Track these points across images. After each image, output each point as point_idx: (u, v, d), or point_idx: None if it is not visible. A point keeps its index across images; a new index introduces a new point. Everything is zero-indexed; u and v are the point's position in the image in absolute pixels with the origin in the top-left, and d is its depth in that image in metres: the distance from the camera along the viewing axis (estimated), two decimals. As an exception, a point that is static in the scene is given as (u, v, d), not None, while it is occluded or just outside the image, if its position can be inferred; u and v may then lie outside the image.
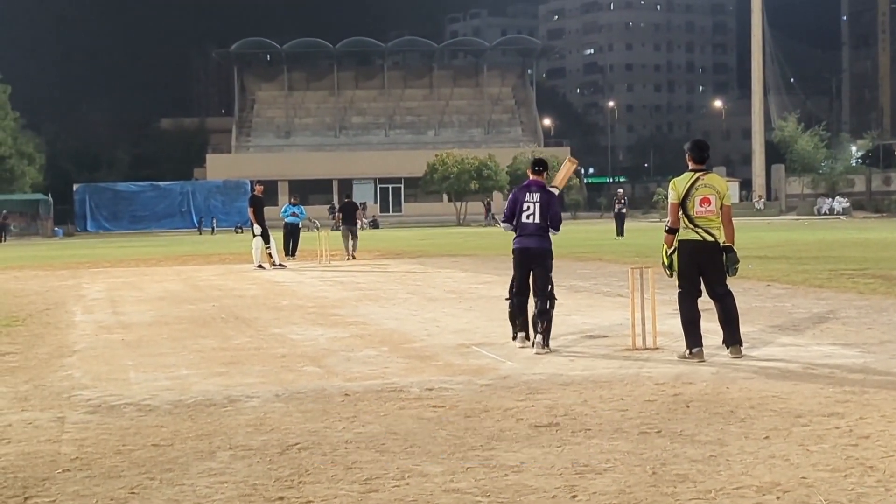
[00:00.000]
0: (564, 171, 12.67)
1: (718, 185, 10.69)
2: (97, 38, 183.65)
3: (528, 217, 11.54)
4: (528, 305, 11.73)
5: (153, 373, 10.52)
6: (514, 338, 11.79)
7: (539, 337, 11.28)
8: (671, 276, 10.82)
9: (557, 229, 11.63)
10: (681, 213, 10.59)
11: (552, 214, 11.55)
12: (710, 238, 10.53)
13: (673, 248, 10.73)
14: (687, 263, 10.62)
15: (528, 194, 11.60)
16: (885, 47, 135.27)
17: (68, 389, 9.64)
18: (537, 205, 11.50)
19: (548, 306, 11.35)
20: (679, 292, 10.72)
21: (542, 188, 11.64)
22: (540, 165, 11.93)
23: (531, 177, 11.82)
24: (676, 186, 10.68)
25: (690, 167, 10.74)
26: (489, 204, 78.40)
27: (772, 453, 6.58)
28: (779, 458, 6.45)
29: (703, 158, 10.79)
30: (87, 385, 9.86)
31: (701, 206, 10.54)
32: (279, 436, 7.48)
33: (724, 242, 10.58)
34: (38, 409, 8.74)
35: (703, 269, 10.65)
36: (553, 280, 11.67)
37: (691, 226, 10.54)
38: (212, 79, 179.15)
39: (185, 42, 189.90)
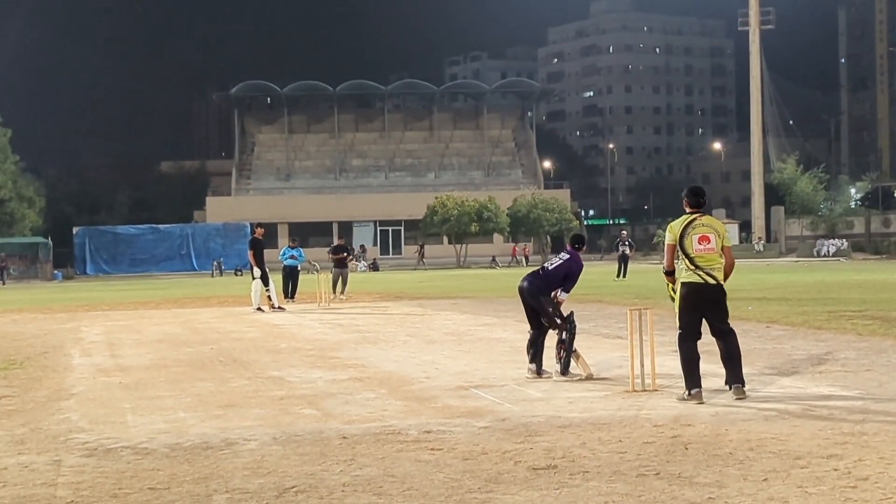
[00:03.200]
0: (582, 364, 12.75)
1: (716, 225, 10.73)
2: (98, 81, 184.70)
3: (547, 264, 13.11)
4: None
5: (150, 416, 10.49)
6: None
7: (558, 365, 12.46)
8: None
9: (566, 292, 12.84)
10: (681, 254, 10.60)
11: (563, 278, 12.79)
12: (711, 281, 10.53)
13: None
14: (688, 306, 10.62)
15: (560, 254, 13.22)
16: (883, 89, 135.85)
17: (65, 432, 9.62)
18: (559, 261, 12.93)
19: (563, 337, 12.38)
20: (679, 333, 10.71)
21: (570, 257, 12.92)
22: (578, 243, 13.28)
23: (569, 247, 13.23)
24: (673, 228, 10.74)
25: (687, 211, 10.78)
26: (422, 247, 79.42)
27: (770, 495, 6.56)
28: (777, 501, 6.43)
29: (699, 203, 10.87)
30: (84, 428, 9.84)
31: (699, 244, 10.55)
32: (276, 479, 7.45)
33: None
34: (35, 453, 8.72)
35: (705, 312, 10.66)
36: (566, 311, 12.60)
37: (692, 267, 10.54)
38: (212, 122, 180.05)
39: (185, 85, 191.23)
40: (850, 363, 13.10)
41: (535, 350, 12.71)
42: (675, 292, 10.84)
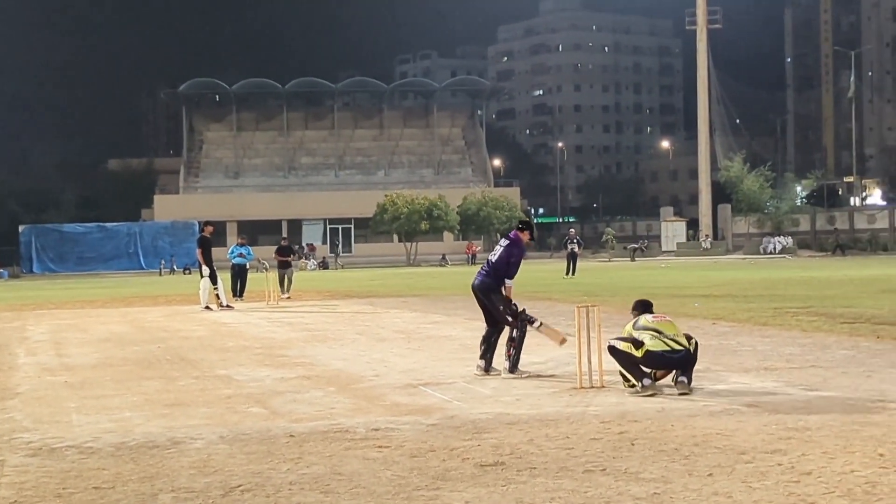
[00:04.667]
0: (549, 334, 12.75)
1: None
2: (44, 79, 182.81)
3: (491, 256, 12.92)
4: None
5: (96, 415, 10.41)
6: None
7: (507, 363, 12.41)
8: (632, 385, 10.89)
9: (510, 278, 12.67)
10: (642, 334, 10.84)
11: (507, 264, 12.65)
12: (679, 347, 10.69)
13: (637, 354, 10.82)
14: (650, 366, 10.78)
15: (500, 242, 13.06)
16: (828, 89, 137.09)
17: (9, 432, 9.53)
18: (500, 249, 12.82)
19: (514, 335, 12.37)
20: (613, 347, 10.88)
21: (509, 243, 12.80)
22: (523, 225, 13.13)
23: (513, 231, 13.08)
24: (625, 328, 11.30)
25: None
26: (308, 246, 78.79)
27: (715, 490, 6.61)
28: (722, 496, 6.48)
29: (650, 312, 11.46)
30: (29, 428, 9.75)
31: (655, 318, 11.07)
32: (222, 478, 7.42)
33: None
34: (-22, 453, 8.63)
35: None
36: (518, 308, 12.56)
37: (658, 335, 10.73)
38: (160, 119, 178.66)
39: (133, 83, 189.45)
40: (794, 359, 13.23)
41: (486, 347, 12.71)
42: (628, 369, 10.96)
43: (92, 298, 35.06)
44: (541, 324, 12.49)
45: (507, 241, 12.84)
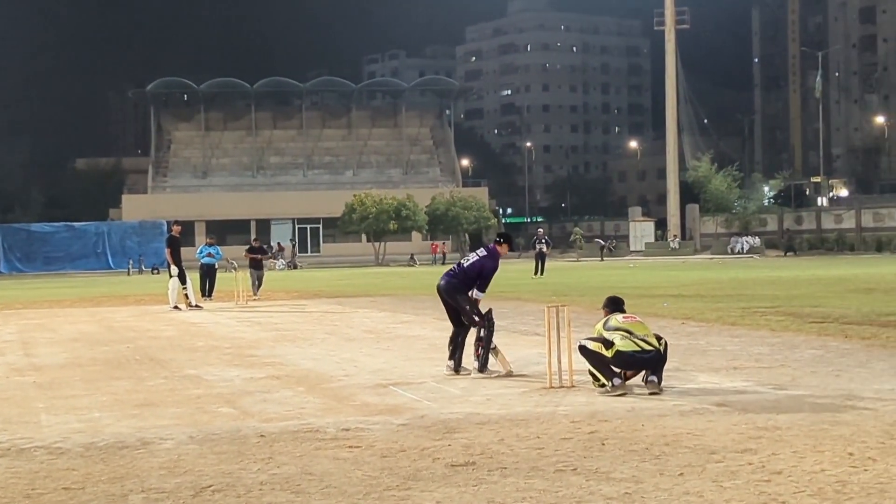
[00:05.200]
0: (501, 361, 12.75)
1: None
2: (10, 77, 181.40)
3: (463, 260, 13.01)
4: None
5: (65, 415, 10.35)
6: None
7: (476, 362, 12.46)
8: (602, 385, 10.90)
9: (481, 291, 12.65)
10: (612, 334, 10.81)
11: (478, 275, 12.64)
12: (649, 347, 10.72)
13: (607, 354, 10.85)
14: (620, 367, 10.80)
15: (478, 251, 13.09)
16: (795, 89, 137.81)
17: (-23, 433, 9.46)
18: (475, 258, 12.82)
19: (481, 334, 12.38)
20: (584, 347, 10.90)
21: (486, 255, 12.77)
22: (501, 237, 13.12)
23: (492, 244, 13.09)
24: (595, 328, 11.31)
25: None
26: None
27: (686, 490, 6.63)
28: (693, 495, 6.50)
29: (621, 311, 11.47)
30: (-3, 428, 9.68)
31: (625, 319, 11.07)
32: (193, 478, 7.39)
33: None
34: (-54, 454, 8.56)
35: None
36: (481, 308, 12.55)
37: (628, 336, 10.75)
38: (128, 119, 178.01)
39: (101, 82, 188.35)
40: (763, 359, 13.29)
41: (454, 347, 12.71)
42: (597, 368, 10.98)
43: (60, 298, 34.86)
44: (496, 347, 12.53)
45: (485, 253, 12.82)
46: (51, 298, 34.91)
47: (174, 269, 27.01)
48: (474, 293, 12.60)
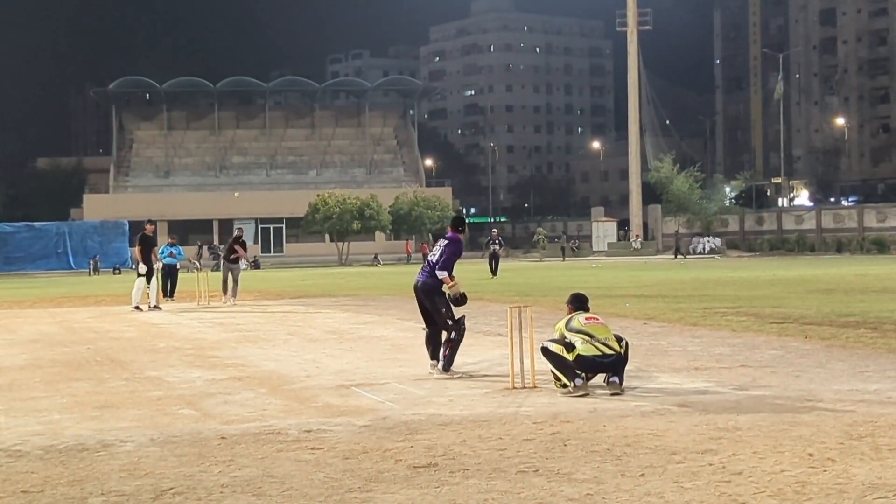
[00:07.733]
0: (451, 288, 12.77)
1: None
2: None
3: (431, 257, 12.86)
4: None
5: (24, 417, 10.27)
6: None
7: (441, 363, 12.45)
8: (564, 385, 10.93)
9: (442, 269, 12.51)
10: (574, 337, 10.83)
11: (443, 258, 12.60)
12: (609, 351, 10.75)
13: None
14: (581, 370, 10.83)
15: (439, 242, 13.02)
16: (756, 90, 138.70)
17: (-66, 436, 9.37)
18: (440, 249, 12.76)
19: (451, 335, 12.37)
20: (546, 348, 10.93)
21: (448, 242, 12.78)
22: (460, 225, 13.22)
23: (450, 231, 13.09)
24: (557, 326, 11.38)
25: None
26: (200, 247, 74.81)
27: (647, 490, 6.65)
28: (654, 496, 6.52)
29: (585, 308, 11.55)
30: (-45, 431, 9.59)
31: (587, 321, 11.07)
32: (153, 480, 7.35)
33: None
34: None
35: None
36: (456, 313, 12.51)
37: (589, 340, 10.78)
38: (90, 118, 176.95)
39: (62, 81, 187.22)
40: (724, 359, 13.35)
41: (433, 347, 12.71)
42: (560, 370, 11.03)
43: (20, 299, 34.60)
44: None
45: (446, 241, 12.82)
46: (10, 299, 34.63)
47: (142, 268, 26.91)
48: (438, 272, 12.51)
